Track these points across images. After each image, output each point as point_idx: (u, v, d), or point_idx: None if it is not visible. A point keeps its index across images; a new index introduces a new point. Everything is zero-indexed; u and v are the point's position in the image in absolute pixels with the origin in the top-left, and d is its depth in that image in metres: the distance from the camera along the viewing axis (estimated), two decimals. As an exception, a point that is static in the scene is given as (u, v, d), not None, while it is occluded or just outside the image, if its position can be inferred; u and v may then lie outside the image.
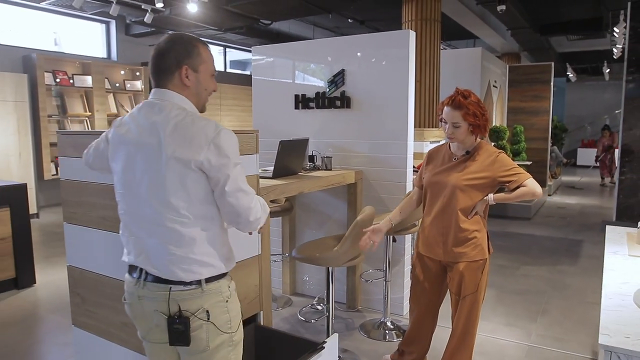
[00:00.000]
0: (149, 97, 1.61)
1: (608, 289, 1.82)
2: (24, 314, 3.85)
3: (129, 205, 1.60)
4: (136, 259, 1.59)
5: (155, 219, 1.53)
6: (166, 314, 1.55)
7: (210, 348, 1.58)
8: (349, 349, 3.20)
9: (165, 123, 1.51)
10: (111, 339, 2.42)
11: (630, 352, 1.32)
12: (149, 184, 1.53)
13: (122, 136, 1.58)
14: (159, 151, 1.50)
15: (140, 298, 1.59)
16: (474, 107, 2.38)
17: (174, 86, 1.58)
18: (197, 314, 1.55)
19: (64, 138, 2.51)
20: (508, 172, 2.40)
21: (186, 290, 1.55)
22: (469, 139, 2.47)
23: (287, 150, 3.23)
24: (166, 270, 1.54)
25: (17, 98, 7.46)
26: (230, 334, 1.62)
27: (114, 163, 1.64)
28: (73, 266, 2.56)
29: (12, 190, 4.35)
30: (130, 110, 1.64)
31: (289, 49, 4.20)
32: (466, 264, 2.45)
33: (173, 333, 1.55)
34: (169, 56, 1.56)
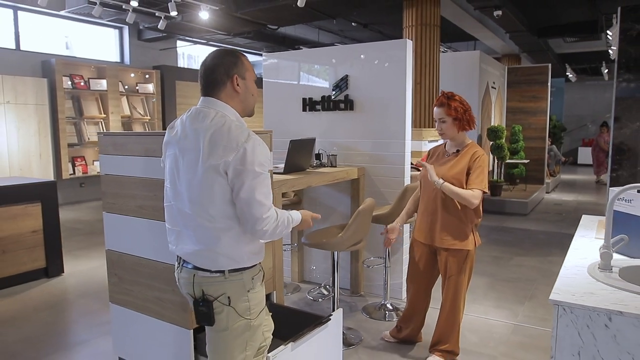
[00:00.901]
0: (198, 105, 1.87)
1: (568, 262, 2.17)
2: (57, 299, 4.24)
3: (173, 200, 1.86)
4: (176, 248, 1.89)
5: (189, 215, 1.78)
6: (193, 296, 1.83)
7: (229, 329, 1.81)
8: (352, 327, 3.55)
9: (206, 130, 1.73)
10: (146, 313, 2.78)
11: (572, 305, 1.67)
12: (187, 184, 1.77)
13: (172, 138, 1.87)
14: (198, 157, 1.72)
15: (179, 281, 1.92)
16: (456, 104, 2.78)
17: (225, 95, 1.81)
18: (220, 299, 1.77)
19: (104, 138, 2.88)
20: (474, 172, 2.74)
21: (210, 277, 1.78)
22: (458, 137, 2.84)
23: (297, 149, 3.58)
24: (195, 259, 1.80)
25: (37, 101, 7.87)
26: (249, 320, 1.82)
27: (165, 161, 1.93)
28: (111, 250, 2.93)
29: (43, 187, 4.74)
30: (181, 115, 1.91)
31: (296, 55, 4.56)
32: (451, 250, 2.81)
33: (198, 313, 1.82)
34: (219, 69, 1.80)
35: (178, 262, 1.91)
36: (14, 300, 4.19)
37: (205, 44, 11.85)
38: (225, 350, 1.83)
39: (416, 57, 6.96)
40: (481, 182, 2.72)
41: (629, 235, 2.16)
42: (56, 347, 3.33)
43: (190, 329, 2.56)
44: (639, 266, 2.06)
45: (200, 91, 1.88)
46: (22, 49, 8.37)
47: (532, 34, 9.73)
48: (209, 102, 1.83)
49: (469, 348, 3.21)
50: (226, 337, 1.82)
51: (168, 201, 1.91)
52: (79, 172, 8.80)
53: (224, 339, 1.83)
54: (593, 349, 1.63)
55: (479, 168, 2.75)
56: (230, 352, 1.83)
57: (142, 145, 2.66)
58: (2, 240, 4.37)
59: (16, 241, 4.47)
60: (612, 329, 1.59)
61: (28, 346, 3.32)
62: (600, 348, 1.62)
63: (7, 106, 7.48)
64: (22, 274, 4.55)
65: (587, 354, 1.64)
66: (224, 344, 1.83)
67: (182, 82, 10.46)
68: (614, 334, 1.59)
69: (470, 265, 2.89)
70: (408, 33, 7.07)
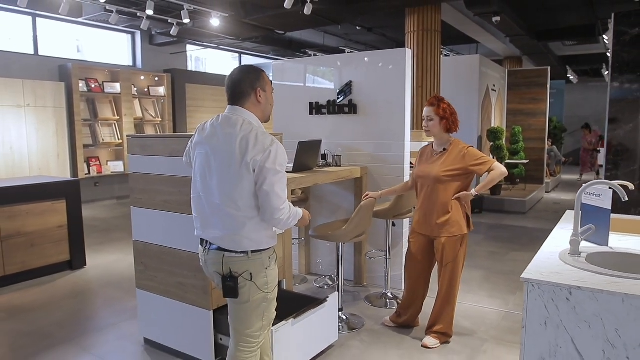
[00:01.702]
0: (225, 112, 2.19)
1: (544, 249, 2.46)
2: (82, 289, 4.57)
3: (202, 192, 2.18)
4: (202, 233, 2.21)
5: (219, 205, 2.09)
6: (221, 273, 2.14)
7: (250, 301, 2.14)
8: (356, 314, 3.86)
9: (236, 135, 2.05)
10: (170, 297, 3.10)
11: (539, 281, 1.97)
12: (219, 180, 2.08)
13: (203, 139, 2.19)
14: (231, 157, 2.04)
15: (206, 262, 2.23)
16: (445, 106, 3.17)
17: (250, 104, 2.15)
18: (243, 275, 2.10)
19: (133, 140, 3.20)
20: (477, 161, 3.09)
21: (236, 257, 2.10)
22: (444, 136, 3.17)
23: (304, 149, 3.90)
24: (223, 243, 2.11)
25: (55, 104, 8.24)
26: (266, 293, 2.17)
27: (194, 158, 2.25)
28: (138, 241, 3.25)
29: (67, 185, 5.08)
30: (211, 120, 2.23)
31: (303, 62, 4.88)
32: (447, 238, 3.13)
33: (225, 288, 2.13)
34: (244, 83, 2.14)
35: (204, 245, 2.22)
36: (43, 289, 4.53)
37: (215, 48, 12.20)
38: (246, 320, 2.17)
39: (418, 61, 7.27)
40: (488, 160, 3.10)
41: (598, 225, 2.46)
42: (85, 330, 3.66)
43: (211, 310, 2.88)
44: (604, 252, 2.36)
45: (228, 100, 2.22)
46: (40, 54, 8.74)
47: (532, 37, 10.00)
48: (236, 110, 2.18)
49: (462, 332, 3.51)
50: (247, 309, 2.15)
51: (196, 193, 2.22)
52: (93, 172, 9.16)
53: (245, 310, 2.16)
54: (557, 319, 1.93)
55: (477, 156, 3.11)
56: (250, 321, 2.17)
57: (167, 147, 2.98)
58: (31, 234, 4.71)
59: (43, 235, 4.82)
60: (572, 301, 1.89)
61: (60, 329, 3.65)
62: (562, 318, 1.91)
63: (28, 109, 7.84)
64: (49, 266, 4.90)
65: (552, 323, 1.94)
66: (245, 314, 2.16)
67: (191, 85, 10.80)
68: (574, 306, 1.89)
69: (464, 250, 3.21)
70: (410, 38, 7.38)
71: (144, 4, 7.05)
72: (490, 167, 3.08)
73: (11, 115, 7.63)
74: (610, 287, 1.83)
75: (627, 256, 2.35)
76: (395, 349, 3.27)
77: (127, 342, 3.41)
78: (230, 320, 2.24)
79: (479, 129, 8.54)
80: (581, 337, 1.87)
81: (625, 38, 6.78)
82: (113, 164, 9.51)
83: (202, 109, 11.01)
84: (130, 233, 6.65)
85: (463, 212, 3.18)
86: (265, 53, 13.17)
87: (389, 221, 4.08)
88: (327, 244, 4.74)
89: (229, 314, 2.24)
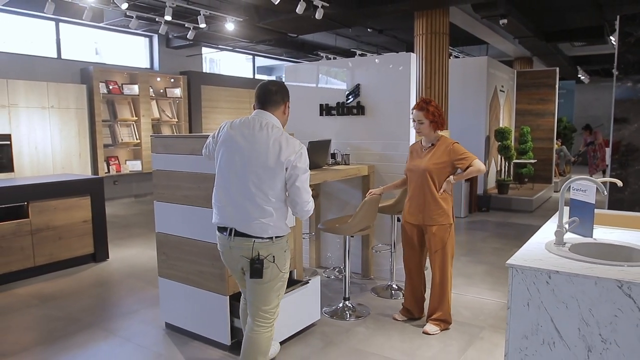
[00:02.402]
0: (253, 114, 2.52)
1: (532, 240, 2.68)
2: (106, 279, 4.88)
3: (232, 185, 2.45)
4: (226, 222, 2.48)
5: (250, 198, 2.40)
6: (249, 257, 2.44)
7: (271, 280, 2.48)
8: (363, 304, 4.09)
9: (268, 138, 2.40)
10: (189, 284, 3.37)
11: (522, 267, 2.19)
12: (254, 175, 2.38)
13: (232, 137, 2.47)
14: (266, 157, 2.36)
15: (231, 248, 2.50)
16: (432, 108, 3.39)
17: (278, 112, 2.52)
18: (268, 258, 2.44)
19: (156, 140, 3.48)
20: (460, 157, 3.37)
21: (263, 242, 2.43)
22: (432, 134, 3.42)
23: (314, 149, 4.15)
24: (252, 230, 2.41)
25: (77, 106, 8.61)
26: (284, 273, 2.53)
27: (219, 154, 2.52)
28: (160, 232, 3.53)
29: (91, 183, 5.40)
30: (240, 120, 2.53)
31: (314, 66, 5.13)
32: (437, 226, 3.39)
33: (253, 270, 2.43)
34: (278, 94, 2.52)
35: (227, 233, 2.48)
36: (70, 279, 4.84)
37: (230, 51, 12.52)
38: (266, 297, 2.51)
39: (426, 63, 7.47)
40: (469, 156, 3.37)
41: (583, 218, 2.67)
42: (111, 315, 3.95)
43: (227, 295, 3.15)
44: (586, 243, 2.57)
45: (257, 104, 2.53)
46: (63, 57, 9.11)
47: (540, 38, 10.12)
48: (265, 114, 2.51)
49: (461, 320, 3.73)
50: (268, 287, 2.49)
51: (224, 185, 2.49)
52: (112, 171, 9.51)
53: (266, 289, 2.49)
54: (538, 300, 2.14)
55: (460, 151, 3.38)
56: (269, 299, 2.52)
57: (187, 146, 3.26)
58: (59, 228, 5.03)
59: (69, 229, 5.13)
60: (551, 284, 2.11)
61: (87, 314, 3.95)
62: (543, 299, 2.13)
63: (52, 110, 8.21)
64: (74, 258, 5.22)
65: (534, 303, 2.16)
66: (266, 292, 2.50)
67: (206, 87, 11.12)
68: (552, 288, 2.10)
69: (452, 238, 3.48)
70: (419, 41, 7.58)
71: (162, 10, 7.36)
72: (470, 163, 3.35)
73: (36, 117, 8.01)
74: (585, 271, 2.04)
75: (608, 246, 2.55)
76: (398, 334, 3.51)
77: (150, 326, 3.69)
78: (251, 300, 2.54)
79: (486, 129, 8.71)
80: (559, 316, 2.08)
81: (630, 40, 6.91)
82: (131, 163, 9.86)
83: (217, 109, 11.32)
84: (149, 229, 7.02)
85: (451, 204, 3.44)
86: (278, 55, 13.46)
87: (394, 216, 4.30)
88: (336, 239, 4.98)
89: (249, 294, 2.54)
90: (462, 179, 3.50)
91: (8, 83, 7.65)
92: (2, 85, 7.58)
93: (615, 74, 12.55)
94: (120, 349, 3.35)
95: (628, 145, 6.95)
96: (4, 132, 7.57)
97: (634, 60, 6.99)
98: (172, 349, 3.31)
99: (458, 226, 7.26)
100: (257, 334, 2.54)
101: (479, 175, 3.45)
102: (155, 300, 4.05)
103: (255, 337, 2.54)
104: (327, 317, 3.82)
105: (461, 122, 8.49)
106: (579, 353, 2.03)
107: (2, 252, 4.59)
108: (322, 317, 3.80)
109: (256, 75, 14.18)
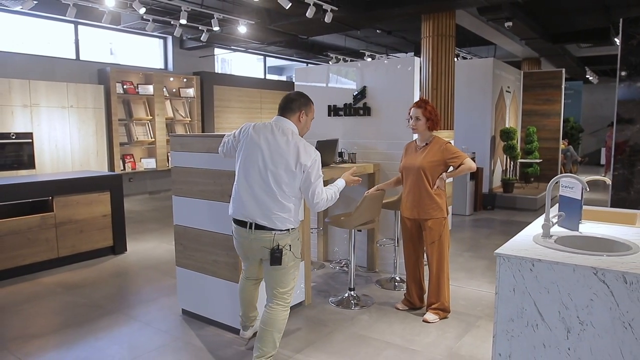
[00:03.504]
0: (274, 120, 2.84)
1: (522, 233, 2.89)
2: (125, 270, 5.16)
3: (254, 182, 2.75)
4: (247, 216, 2.77)
5: (272, 195, 2.73)
6: (269, 247, 2.75)
7: (288, 266, 2.82)
8: (367, 294, 4.33)
9: (287, 143, 2.73)
10: (205, 272, 3.63)
11: (508, 255, 2.41)
12: (272, 175, 2.72)
13: (255, 139, 2.78)
14: (287, 159, 2.70)
15: (251, 240, 2.80)
16: (430, 108, 3.65)
17: (294, 118, 2.85)
18: (285, 247, 2.77)
19: (174, 139, 3.75)
20: (452, 155, 3.61)
21: (281, 233, 2.76)
22: (426, 133, 3.67)
23: (322, 148, 4.37)
24: (272, 223, 2.74)
25: (95, 105, 8.93)
26: (298, 258, 2.89)
27: (242, 153, 2.82)
28: (178, 225, 3.79)
29: (111, 179, 5.69)
30: (262, 123, 2.83)
31: (323, 69, 5.36)
32: (432, 220, 3.63)
33: (273, 258, 2.77)
34: (296, 103, 2.85)
35: (247, 227, 2.78)
36: (91, 270, 5.14)
37: (242, 52, 12.80)
38: (284, 281, 2.84)
39: (433, 65, 7.66)
40: (461, 155, 3.62)
41: (570, 213, 2.88)
42: (131, 302, 4.23)
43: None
44: (572, 236, 2.77)
45: (278, 110, 2.87)
46: (81, 59, 9.45)
47: (547, 40, 10.25)
48: (283, 121, 2.86)
49: (459, 310, 3.95)
50: (285, 273, 2.83)
51: (246, 183, 2.78)
52: (128, 168, 9.83)
53: (284, 274, 2.82)
54: (522, 286, 2.36)
55: (452, 150, 3.62)
56: (286, 282, 2.85)
57: (204, 144, 3.51)
58: (81, 222, 5.32)
59: (90, 223, 5.43)
60: (534, 271, 2.32)
61: (109, 301, 4.23)
62: (527, 285, 2.34)
63: (71, 110, 8.54)
64: (94, 251, 5.51)
65: (519, 289, 2.37)
66: (284, 277, 2.83)
67: (219, 87, 11.41)
68: (535, 275, 2.32)
69: (447, 231, 3.73)
70: (425, 43, 7.78)
71: (177, 13, 7.64)
72: (461, 162, 3.59)
73: (56, 116, 8.34)
74: (564, 259, 2.25)
75: (592, 239, 2.75)
76: (399, 322, 3.74)
77: (168, 312, 3.96)
78: (270, 284, 2.86)
79: (492, 129, 8.88)
80: (542, 300, 2.29)
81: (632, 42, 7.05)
82: (146, 161, 10.17)
83: (229, 109, 11.61)
84: (164, 224, 7.32)
85: (444, 199, 3.67)
86: (289, 55, 13.71)
87: (398, 212, 4.52)
88: (343, 234, 5.22)
89: (268, 279, 2.87)
90: (454, 176, 3.73)
91: (30, 84, 7.99)
92: (24, 85, 7.91)
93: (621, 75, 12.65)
94: (140, 332, 3.62)
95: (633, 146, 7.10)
96: (26, 130, 7.92)
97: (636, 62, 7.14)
98: (189, 333, 3.57)
99: (462, 224, 7.47)
100: (276, 312, 2.84)
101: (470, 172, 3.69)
102: (172, 289, 4.32)
103: (273, 314, 2.83)
104: (333, 306, 4.06)
105: (467, 122, 8.67)
106: (559, 334, 2.23)
107: (29, 244, 4.89)
108: (328, 306, 4.04)
109: (267, 75, 14.45)
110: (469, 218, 7.91)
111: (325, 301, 4.17)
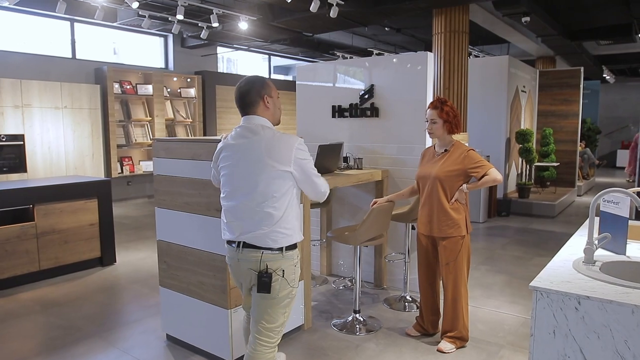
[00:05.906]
0: (242, 123, 2.35)
1: (558, 257, 2.44)
2: (111, 284, 4.76)
3: (237, 196, 2.29)
4: (236, 237, 2.30)
5: (255, 207, 2.24)
6: (257, 270, 2.26)
7: (279, 296, 2.28)
8: (374, 316, 3.89)
9: (260, 142, 2.25)
10: (190, 295, 3.22)
11: (548, 290, 1.97)
12: (254, 182, 2.23)
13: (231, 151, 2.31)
14: (263, 159, 2.21)
15: (239, 260, 2.33)
16: (448, 108, 3.16)
17: (260, 111, 2.33)
18: (277, 271, 2.26)
19: (157, 144, 3.33)
20: (475, 165, 3.12)
21: (272, 254, 2.26)
22: (446, 138, 3.20)
23: (325, 153, 3.95)
24: (260, 241, 2.25)
25: (91, 106, 8.56)
26: (293, 288, 2.33)
27: (221, 168, 2.36)
28: (162, 240, 3.38)
29: (99, 185, 5.29)
30: (231, 132, 2.37)
31: (327, 67, 4.93)
32: (448, 239, 3.15)
33: (261, 283, 2.25)
34: (252, 93, 2.31)
35: (237, 246, 2.31)
36: (75, 284, 4.74)
37: (245, 50, 12.40)
38: (271, 314, 2.31)
39: (445, 62, 7.21)
40: (485, 165, 3.13)
41: (615, 234, 2.43)
42: (113, 324, 3.82)
43: (229, 309, 2.98)
44: (619, 261, 2.33)
45: (240, 112, 2.36)
46: (77, 57, 9.09)
47: (564, 37, 9.75)
48: (251, 119, 2.34)
49: (479, 337, 3.50)
50: (275, 303, 2.30)
51: (230, 201, 2.33)
52: (126, 171, 9.47)
53: (272, 305, 2.30)
54: (565, 328, 1.92)
55: (475, 159, 3.14)
56: (275, 316, 2.32)
57: (189, 150, 3.09)
58: (65, 231, 4.93)
59: (76, 233, 5.03)
60: (580, 311, 1.88)
61: (89, 322, 3.82)
62: (571, 327, 1.91)
63: (65, 111, 8.18)
64: (80, 262, 5.11)
65: (560, 332, 1.94)
66: (272, 309, 2.30)
67: (221, 87, 11.01)
68: (582, 316, 1.88)
69: (467, 251, 3.23)
70: (437, 40, 7.33)
71: (174, 9, 7.24)
72: (486, 172, 3.10)
73: (50, 117, 7.98)
74: (620, 297, 1.81)
75: (644, 266, 2.31)
76: (410, 352, 3.29)
77: (151, 336, 3.55)
78: (255, 316, 2.35)
79: (507, 130, 8.41)
80: (590, 347, 1.86)
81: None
82: (145, 164, 9.80)
83: (232, 109, 11.20)
84: (158, 231, 6.89)
85: (464, 214, 3.19)
86: (294, 54, 13.30)
87: (408, 224, 4.09)
88: (348, 246, 4.78)
89: (254, 310, 2.35)
90: (476, 188, 3.22)
91: (22, 83, 7.63)
92: (15, 85, 7.56)
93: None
94: (119, 361, 3.21)
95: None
96: (17, 132, 7.56)
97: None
98: (172, 364, 3.16)
99: (476, 232, 7.00)
100: (258, 354, 2.35)
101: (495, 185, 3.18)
102: (159, 308, 3.91)
103: (255, 356, 2.36)
104: (336, 330, 3.62)
105: (481, 123, 8.21)
106: (612, 390, 1.80)
107: (7, 256, 4.51)
108: (330, 330, 3.61)
109: (272, 75, 14.05)
110: (482, 226, 7.43)
111: (328, 324, 3.74)
